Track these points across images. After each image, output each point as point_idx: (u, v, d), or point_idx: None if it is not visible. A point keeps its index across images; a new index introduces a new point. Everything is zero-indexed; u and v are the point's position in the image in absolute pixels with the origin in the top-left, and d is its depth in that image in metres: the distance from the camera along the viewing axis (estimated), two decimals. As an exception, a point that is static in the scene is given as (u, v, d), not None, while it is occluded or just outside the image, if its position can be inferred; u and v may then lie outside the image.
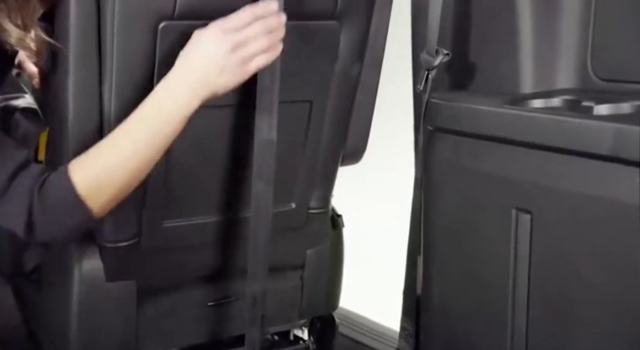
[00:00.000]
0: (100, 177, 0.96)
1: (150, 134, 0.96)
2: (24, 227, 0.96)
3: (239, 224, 1.24)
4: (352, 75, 1.24)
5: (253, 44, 0.95)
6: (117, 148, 0.96)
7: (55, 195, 0.95)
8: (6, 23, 0.94)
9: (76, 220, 0.98)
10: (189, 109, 0.96)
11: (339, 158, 1.33)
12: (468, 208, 1.08)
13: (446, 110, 1.12)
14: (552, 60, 1.10)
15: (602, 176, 0.87)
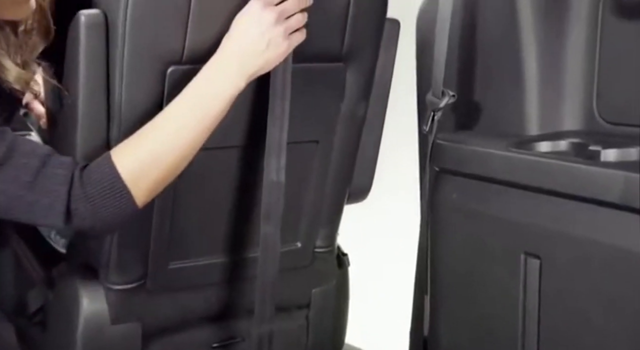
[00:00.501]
0: (144, 163, 0.94)
1: (196, 115, 0.95)
2: (64, 215, 0.93)
3: (244, 265, 1.23)
4: (358, 114, 1.24)
5: (292, 17, 0.97)
6: (161, 132, 0.95)
7: (99, 181, 0.93)
8: (5, 60, 0.94)
9: (120, 207, 0.94)
10: (236, 87, 0.96)
11: (344, 197, 1.32)
12: (476, 251, 1.07)
13: (452, 152, 1.12)
14: (557, 102, 1.11)
15: (611, 223, 0.86)
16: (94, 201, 0.93)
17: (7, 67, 0.94)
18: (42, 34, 0.98)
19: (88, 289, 1.16)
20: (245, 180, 1.17)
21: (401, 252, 1.52)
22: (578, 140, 1.04)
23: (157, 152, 0.95)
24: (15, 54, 0.95)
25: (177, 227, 1.15)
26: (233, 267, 1.23)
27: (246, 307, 1.25)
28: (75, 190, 0.93)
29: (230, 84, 0.96)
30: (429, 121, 1.15)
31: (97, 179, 0.94)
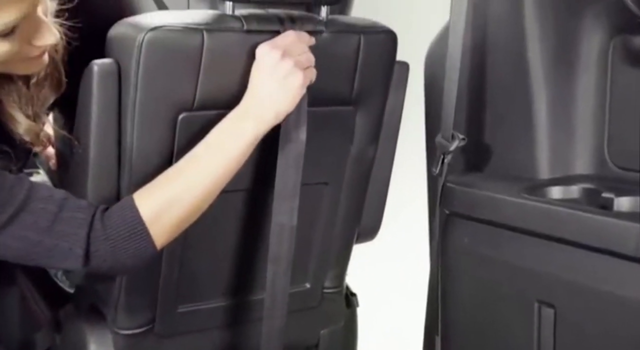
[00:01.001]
0: (166, 205, 0.95)
1: (218, 161, 0.97)
2: (83, 258, 0.93)
3: (252, 307, 1.22)
4: (367, 156, 1.24)
5: (301, 57, 1.00)
6: (183, 176, 0.96)
7: (120, 222, 0.94)
8: (16, 112, 0.94)
9: (140, 249, 0.95)
10: (256, 133, 0.98)
11: (353, 237, 1.32)
12: (489, 296, 1.06)
13: (463, 196, 1.12)
14: (568, 146, 1.11)
15: (627, 275, 0.86)
16: (115, 243, 0.94)
17: (19, 119, 0.94)
18: (54, 86, 0.99)
19: (95, 333, 1.15)
20: (254, 222, 1.17)
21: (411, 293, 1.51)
22: (590, 186, 1.03)
23: (179, 196, 0.96)
24: (27, 106, 0.95)
25: (186, 271, 1.14)
26: (241, 309, 1.22)
27: (253, 348, 1.24)
28: (96, 232, 0.93)
29: (250, 131, 0.98)
30: (438, 164, 1.15)
31: (118, 221, 0.94)
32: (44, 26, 0.87)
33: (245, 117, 0.98)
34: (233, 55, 1.02)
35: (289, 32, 1.01)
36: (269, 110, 0.98)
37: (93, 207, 0.95)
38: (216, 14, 1.02)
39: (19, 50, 0.86)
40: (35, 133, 0.96)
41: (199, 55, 0.99)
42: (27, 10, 0.83)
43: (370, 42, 1.12)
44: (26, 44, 0.86)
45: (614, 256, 0.87)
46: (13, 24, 0.82)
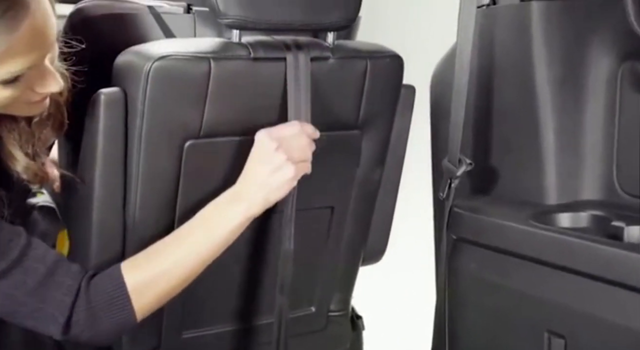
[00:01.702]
0: (151, 279, 0.95)
1: (207, 240, 0.97)
2: (63, 326, 0.92)
3: (256, 331, 1.22)
4: (373, 179, 1.23)
5: (297, 151, 1.01)
6: (172, 251, 0.97)
7: (104, 293, 0.93)
8: (16, 150, 0.93)
9: (120, 321, 0.94)
10: (245, 217, 0.99)
11: (359, 260, 1.31)
12: (497, 323, 1.05)
13: (471, 222, 1.11)
14: (576, 172, 1.10)
15: (638, 308, 0.84)
16: (96, 313, 0.93)
17: (17, 157, 0.93)
18: (56, 127, 0.98)
19: None
20: (258, 248, 1.16)
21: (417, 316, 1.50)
22: (600, 213, 1.02)
23: (165, 271, 0.96)
24: (27, 144, 0.94)
25: (191, 296, 1.13)
26: (246, 334, 1.21)
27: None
28: (80, 301, 0.92)
29: (240, 214, 0.99)
30: (445, 188, 1.14)
31: (103, 291, 0.94)
32: (49, 75, 0.86)
33: (237, 200, 0.99)
34: (240, 82, 1.01)
35: (294, 123, 1.02)
36: (260, 197, 0.99)
37: (82, 274, 0.95)
38: (223, 41, 1.02)
39: (21, 96, 0.85)
40: (33, 171, 0.95)
41: (206, 84, 0.98)
42: (35, 61, 0.83)
43: (376, 66, 1.11)
44: (29, 90, 0.86)
45: (625, 288, 0.86)
46: (18, 73, 0.82)
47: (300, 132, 1.01)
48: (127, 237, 1.06)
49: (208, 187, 1.07)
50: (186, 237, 0.97)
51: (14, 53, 0.79)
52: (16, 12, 0.78)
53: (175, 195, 1.05)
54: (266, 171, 0.98)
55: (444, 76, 1.24)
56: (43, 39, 0.82)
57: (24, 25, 0.79)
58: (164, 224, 1.07)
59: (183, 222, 1.06)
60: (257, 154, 0.99)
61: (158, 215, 1.06)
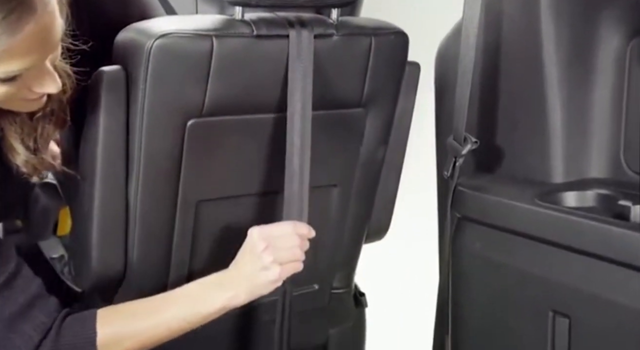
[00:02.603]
0: (121, 337, 0.96)
1: (185, 316, 0.98)
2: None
3: (260, 310, 1.22)
4: (377, 157, 1.22)
5: (286, 252, 1.01)
6: (149, 317, 0.97)
7: (73, 339, 0.94)
8: (17, 143, 0.92)
9: None
10: (225, 306, 0.99)
11: (362, 238, 1.31)
12: (501, 303, 1.05)
13: (475, 200, 1.10)
14: (583, 150, 1.09)
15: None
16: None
17: (18, 150, 0.92)
18: (58, 123, 0.97)
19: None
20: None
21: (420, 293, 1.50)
22: (606, 192, 1.01)
23: (137, 333, 0.96)
24: (28, 138, 0.93)
25: (194, 276, 1.13)
26: (250, 313, 1.22)
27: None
28: (47, 341, 0.92)
29: (220, 302, 0.99)
30: (450, 166, 1.13)
31: (73, 335, 0.94)
32: (47, 75, 0.85)
33: (223, 286, 0.99)
34: (242, 60, 1.00)
35: (287, 223, 1.03)
36: (244, 290, 0.99)
37: (57, 312, 0.95)
38: (225, 19, 1.00)
39: (17, 93, 0.84)
40: (32, 165, 0.94)
41: (208, 61, 0.97)
42: (34, 63, 0.81)
43: (381, 43, 1.09)
44: (26, 89, 0.84)
45: (631, 269, 0.85)
46: (16, 73, 0.80)
47: (291, 233, 1.01)
48: (129, 215, 1.05)
49: (210, 167, 1.06)
50: (165, 307, 0.97)
51: (13, 54, 0.78)
52: (20, 14, 0.76)
53: (177, 175, 1.04)
54: (252, 269, 0.99)
55: (449, 53, 1.22)
56: (45, 42, 0.81)
57: (27, 29, 0.77)
58: (165, 203, 1.06)
59: (185, 201, 1.06)
60: (246, 250, 1.00)
61: (160, 194, 1.05)
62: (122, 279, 1.10)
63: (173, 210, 1.07)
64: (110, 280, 1.10)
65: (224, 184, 1.10)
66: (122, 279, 1.10)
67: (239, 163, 1.09)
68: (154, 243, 1.09)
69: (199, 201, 1.09)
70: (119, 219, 1.05)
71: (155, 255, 1.09)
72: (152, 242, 1.09)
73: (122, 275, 1.10)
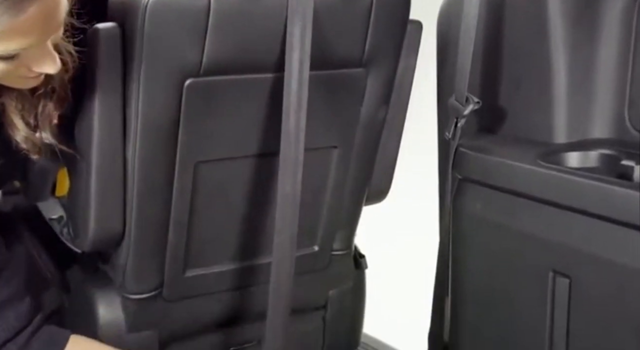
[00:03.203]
0: None
1: None
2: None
3: (259, 270, 1.22)
4: (377, 118, 1.21)
5: None
6: None
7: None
8: (17, 119, 0.91)
9: None
10: None
11: (363, 199, 1.30)
12: (501, 264, 1.05)
13: (477, 162, 1.09)
14: (587, 109, 1.07)
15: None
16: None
17: (18, 126, 0.92)
18: (59, 103, 0.95)
19: (104, 297, 1.15)
20: (260, 188, 1.15)
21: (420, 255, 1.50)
22: (609, 152, 1.00)
23: None
24: (28, 114, 0.93)
25: (193, 236, 1.13)
26: (249, 273, 1.22)
27: (261, 312, 1.23)
28: (13, 345, 0.93)
29: None
30: (452, 127, 1.12)
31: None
32: (48, 56, 0.83)
33: None
34: (240, 16, 0.98)
35: None
36: None
37: (29, 317, 0.96)
38: (222, -27, 0.97)
39: (15, 71, 0.83)
40: (32, 142, 0.93)
41: (206, 17, 0.95)
42: (36, 43, 0.80)
43: (382, 1, 1.07)
44: (24, 68, 0.83)
45: (634, 229, 0.85)
46: (16, 52, 0.79)
47: None
48: (127, 176, 1.05)
49: (209, 128, 1.05)
50: None
51: (14, 33, 0.76)
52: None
53: (175, 135, 1.03)
54: None
55: (452, 11, 1.19)
56: (48, 23, 0.79)
57: (30, 10, 0.75)
58: (164, 164, 1.05)
59: (184, 162, 1.05)
60: None
61: (158, 155, 1.04)
62: (121, 240, 1.10)
63: (171, 171, 1.06)
64: (109, 241, 1.10)
65: (223, 145, 1.09)
66: (121, 239, 1.09)
67: (238, 124, 1.08)
68: (153, 204, 1.08)
69: (197, 162, 1.08)
70: (117, 180, 1.05)
71: (154, 216, 1.09)
72: (151, 203, 1.08)
73: (121, 236, 1.09)
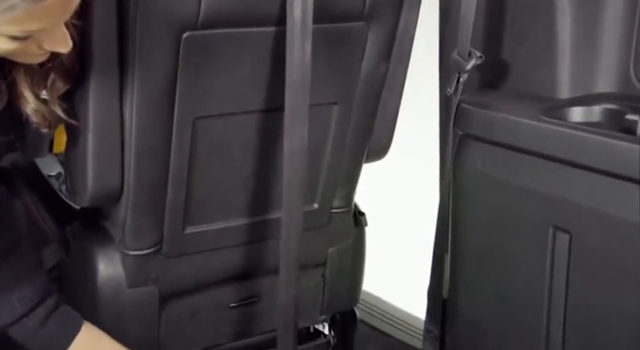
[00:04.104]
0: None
1: None
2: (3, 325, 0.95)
3: (260, 226, 1.22)
4: (378, 74, 1.19)
5: None
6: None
7: (52, 335, 0.97)
8: (26, 91, 0.92)
9: None
10: None
11: (363, 156, 1.29)
12: (501, 220, 1.04)
13: (479, 117, 1.07)
14: (591, 63, 1.05)
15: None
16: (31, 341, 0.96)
17: (28, 98, 0.92)
18: (68, 77, 0.96)
19: (104, 253, 1.15)
20: (263, 144, 1.14)
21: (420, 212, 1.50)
22: (613, 107, 0.98)
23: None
24: (37, 87, 0.93)
25: (193, 193, 1.13)
26: (248, 229, 1.22)
27: (262, 268, 1.25)
28: (31, 320, 0.95)
29: None
30: (453, 82, 1.10)
31: (55, 329, 0.97)
32: (60, 36, 0.83)
33: None
34: None
35: None
36: None
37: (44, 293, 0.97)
38: None
39: (26, 48, 0.82)
40: (42, 114, 0.94)
41: None
42: (51, 25, 0.79)
43: (384, -48, 1.04)
44: (35, 45, 0.83)
45: (635, 183, 0.84)
46: (31, 34, 0.79)
47: None
48: (125, 132, 1.04)
49: (207, 83, 1.04)
50: None
51: (32, 17, 0.75)
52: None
53: (173, 91, 1.02)
54: None
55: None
56: (66, 9, 0.79)
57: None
58: (161, 120, 1.04)
59: (182, 118, 1.04)
60: None
61: (155, 111, 1.03)
62: (120, 196, 1.09)
63: (170, 128, 1.05)
64: (107, 197, 1.10)
65: (222, 101, 1.07)
66: (120, 196, 1.09)
67: (237, 79, 1.06)
68: (151, 160, 1.07)
69: (196, 118, 1.06)
70: (114, 136, 1.04)
71: (153, 172, 1.08)
72: (149, 159, 1.07)
73: (119, 193, 1.09)
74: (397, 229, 1.91)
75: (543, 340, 0.97)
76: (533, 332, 0.98)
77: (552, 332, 0.96)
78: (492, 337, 1.08)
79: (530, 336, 0.99)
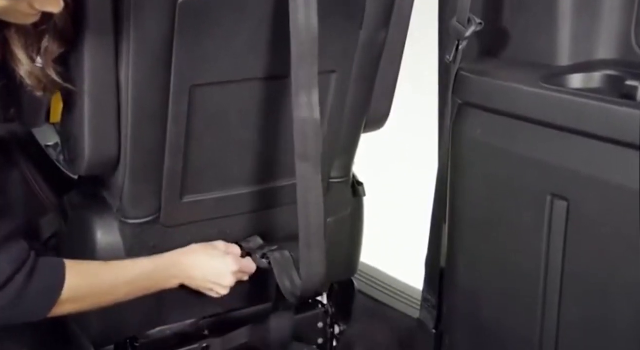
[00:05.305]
0: (85, 293, 1.02)
1: (147, 282, 1.09)
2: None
3: (259, 196, 1.22)
4: (377, 42, 1.18)
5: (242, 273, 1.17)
6: (114, 278, 1.05)
7: (42, 284, 0.97)
8: (20, 53, 0.92)
9: (36, 311, 0.99)
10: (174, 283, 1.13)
11: (361, 126, 1.28)
12: (500, 188, 1.04)
13: (478, 85, 1.07)
14: (592, 29, 1.04)
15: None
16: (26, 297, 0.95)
17: (22, 61, 0.92)
18: (62, 41, 0.95)
19: (102, 222, 1.15)
20: (263, 113, 1.13)
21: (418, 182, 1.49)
22: (613, 73, 0.97)
23: (101, 290, 1.04)
24: (31, 49, 0.93)
25: (191, 162, 1.12)
26: (247, 199, 1.21)
27: (262, 237, 1.24)
28: (20, 276, 0.94)
29: (168, 283, 1.13)
30: (452, 50, 1.09)
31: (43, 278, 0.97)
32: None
33: (175, 275, 1.12)
34: None
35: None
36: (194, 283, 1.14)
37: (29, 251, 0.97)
38: None
39: (17, 6, 0.82)
40: (36, 77, 0.94)
41: None
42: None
43: None
44: (26, 4, 0.82)
45: (634, 149, 0.83)
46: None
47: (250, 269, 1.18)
48: (122, 100, 1.03)
49: (204, 50, 1.02)
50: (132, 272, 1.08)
51: None
52: None
53: (169, 57, 1.01)
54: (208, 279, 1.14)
55: None
56: None
57: None
58: (158, 87, 1.03)
59: (179, 85, 1.03)
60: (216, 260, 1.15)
61: (152, 78, 1.02)
62: (117, 164, 1.09)
63: (166, 95, 1.04)
64: (105, 166, 1.09)
65: (219, 68, 1.06)
66: (117, 164, 1.08)
67: (235, 46, 1.05)
68: (148, 128, 1.07)
69: (193, 85, 1.05)
70: (111, 101, 1.03)
71: (150, 139, 1.08)
72: (146, 128, 1.07)
73: (116, 161, 1.08)
74: (395, 200, 1.91)
75: (540, 308, 0.98)
76: (530, 300, 0.99)
77: (549, 299, 0.96)
78: (490, 306, 1.08)
79: (527, 304, 1.00)
